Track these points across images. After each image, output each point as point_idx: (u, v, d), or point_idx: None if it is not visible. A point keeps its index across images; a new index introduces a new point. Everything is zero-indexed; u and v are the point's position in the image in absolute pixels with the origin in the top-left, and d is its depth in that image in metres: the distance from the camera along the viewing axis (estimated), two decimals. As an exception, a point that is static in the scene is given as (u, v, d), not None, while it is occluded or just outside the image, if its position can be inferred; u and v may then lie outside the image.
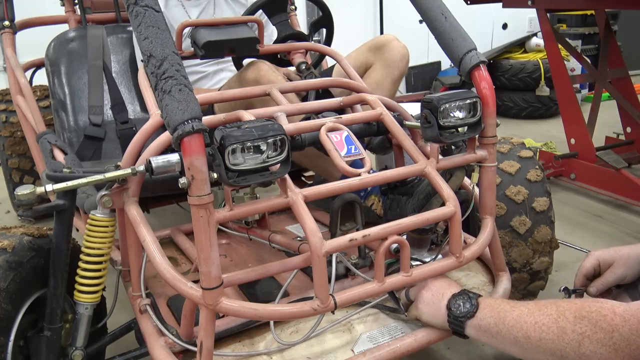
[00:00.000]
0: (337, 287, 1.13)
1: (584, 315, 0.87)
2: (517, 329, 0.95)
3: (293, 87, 1.41)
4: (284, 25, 1.69)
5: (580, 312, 0.88)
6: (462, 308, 1.05)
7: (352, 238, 1.00)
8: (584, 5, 3.41)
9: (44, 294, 1.16)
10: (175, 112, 0.85)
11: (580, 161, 2.73)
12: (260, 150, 0.91)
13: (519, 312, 0.97)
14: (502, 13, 4.28)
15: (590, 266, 1.16)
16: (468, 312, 1.04)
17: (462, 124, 1.12)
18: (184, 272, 1.47)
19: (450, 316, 1.06)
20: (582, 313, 0.88)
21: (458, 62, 1.13)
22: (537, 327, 0.92)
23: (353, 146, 1.11)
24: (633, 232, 2.32)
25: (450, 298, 1.08)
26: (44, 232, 1.20)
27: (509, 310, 0.99)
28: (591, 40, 4.51)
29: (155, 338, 1.11)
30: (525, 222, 1.53)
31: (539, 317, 0.93)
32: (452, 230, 1.12)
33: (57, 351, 1.16)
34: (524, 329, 0.94)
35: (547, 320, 0.91)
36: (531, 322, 0.93)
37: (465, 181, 1.29)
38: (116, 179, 1.05)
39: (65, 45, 2.17)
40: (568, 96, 2.76)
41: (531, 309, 0.95)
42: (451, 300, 1.07)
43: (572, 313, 0.89)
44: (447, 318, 1.07)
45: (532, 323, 0.93)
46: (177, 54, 0.91)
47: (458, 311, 1.05)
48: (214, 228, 0.89)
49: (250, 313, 0.97)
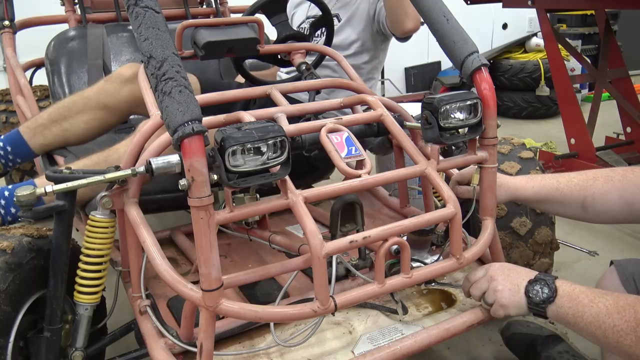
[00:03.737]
0: (337, 288, 1.13)
1: None
2: (595, 327, 0.97)
3: (293, 88, 1.41)
4: (283, 26, 1.69)
5: None
6: (541, 294, 1.05)
7: (353, 240, 1.00)
8: (584, 5, 3.41)
9: (44, 294, 1.16)
10: (176, 114, 0.85)
11: (580, 161, 2.73)
12: (261, 151, 0.91)
13: (597, 309, 0.97)
14: (502, 13, 4.28)
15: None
16: (548, 298, 1.04)
17: (463, 125, 1.12)
18: (184, 272, 1.47)
19: (531, 303, 1.07)
20: None
21: (460, 64, 1.13)
22: (615, 331, 0.93)
23: (353, 147, 1.11)
24: (633, 232, 2.32)
25: (527, 285, 1.08)
26: (43, 232, 1.20)
27: (588, 305, 0.99)
28: (591, 40, 4.51)
29: (155, 339, 1.11)
30: (526, 224, 1.53)
31: (618, 320, 0.94)
32: (453, 231, 1.12)
33: (57, 352, 1.16)
34: (602, 328, 0.95)
35: (625, 326, 0.92)
36: (609, 324, 0.95)
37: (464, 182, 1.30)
38: (116, 179, 1.05)
39: (65, 45, 2.17)
40: (568, 96, 2.76)
41: (610, 308, 0.96)
42: (528, 287, 1.08)
43: None
44: (527, 305, 1.07)
45: (611, 325, 0.94)
46: (177, 55, 0.91)
47: (538, 298, 1.06)
48: (214, 229, 0.89)
49: (250, 315, 0.97)
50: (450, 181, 1.31)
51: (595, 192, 1.18)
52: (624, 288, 1.14)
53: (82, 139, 1.69)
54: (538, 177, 1.27)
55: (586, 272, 2.02)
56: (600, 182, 1.18)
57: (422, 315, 1.24)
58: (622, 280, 1.15)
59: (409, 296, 1.30)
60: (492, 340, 1.64)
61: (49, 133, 1.66)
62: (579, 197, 1.20)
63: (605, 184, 1.17)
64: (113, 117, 1.66)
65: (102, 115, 1.64)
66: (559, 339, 1.44)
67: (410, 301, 1.28)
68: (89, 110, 1.63)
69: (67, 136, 1.67)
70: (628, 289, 1.13)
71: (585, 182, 1.20)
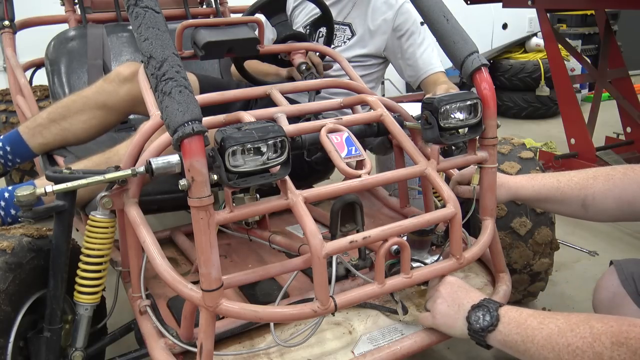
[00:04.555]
0: (337, 288, 1.13)
1: (622, 342, 0.83)
2: (549, 350, 0.90)
3: (293, 88, 1.41)
4: (283, 26, 1.69)
5: (618, 338, 0.83)
6: (482, 322, 1.01)
7: (353, 240, 1.00)
8: (584, 5, 3.41)
9: (44, 294, 1.16)
10: (176, 114, 0.85)
11: (580, 161, 2.73)
12: (261, 151, 0.91)
13: (548, 330, 0.92)
14: (502, 13, 4.27)
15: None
16: (489, 326, 1.00)
17: (463, 125, 1.12)
18: (184, 272, 1.47)
19: (470, 330, 1.03)
20: (620, 339, 0.83)
21: (460, 64, 1.13)
22: (571, 350, 0.88)
23: (353, 147, 1.11)
24: (633, 232, 2.32)
25: (470, 310, 1.05)
26: (43, 233, 1.19)
27: (537, 327, 0.94)
28: (591, 40, 4.51)
29: (155, 339, 1.11)
30: (526, 224, 1.53)
31: (572, 339, 0.88)
32: (453, 231, 1.12)
33: (57, 352, 1.16)
34: (555, 350, 0.89)
35: (581, 343, 0.87)
36: (563, 343, 0.89)
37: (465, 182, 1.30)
38: (116, 180, 1.05)
39: (65, 45, 2.17)
40: (568, 96, 2.76)
41: (562, 327, 0.91)
42: (470, 313, 1.04)
43: (608, 338, 0.84)
44: (467, 331, 1.04)
45: (565, 345, 0.88)
46: (177, 56, 0.91)
47: (477, 325, 1.02)
48: (214, 230, 0.89)
49: (250, 315, 0.97)
50: (451, 181, 1.31)
51: (596, 190, 1.17)
52: (623, 288, 1.14)
53: (82, 138, 1.68)
54: (538, 177, 1.27)
55: (586, 272, 2.02)
56: (601, 180, 1.18)
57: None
58: (622, 280, 1.15)
59: (409, 296, 1.30)
60: (492, 340, 1.64)
61: (48, 133, 1.66)
62: (579, 196, 1.20)
63: (606, 182, 1.17)
64: (112, 116, 1.66)
65: (101, 114, 1.64)
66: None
67: (410, 301, 1.28)
68: (87, 109, 1.63)
69: (66, 136, 1.67)
70: (628, 289, 1.13)
71: (586, 181, 1.19)
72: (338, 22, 1.96)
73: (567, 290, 1.92)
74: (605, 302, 1.17)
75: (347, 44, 1.94)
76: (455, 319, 1.07)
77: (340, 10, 1.97)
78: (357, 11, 1.96)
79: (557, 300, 1.85)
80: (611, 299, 1.15)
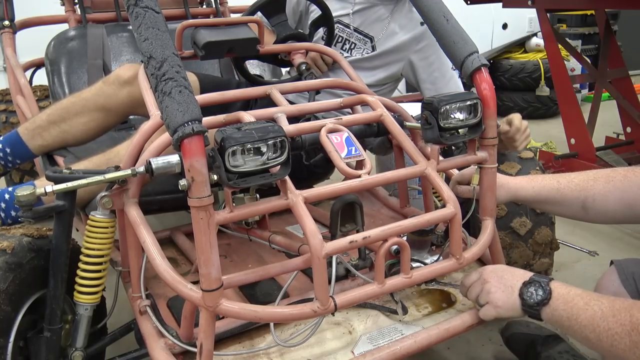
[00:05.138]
0: (337, 288, 1.13)
1: None
2: (590, 330, 0.95)
3: (293, 88, 1.41)
4: (283, 26, 1.69)
5: None
6: (536, 296, 1.04)
7: (353, 240, 1.00)
8: (584, 5, 3.41)
9: (44, 294, 1.16)
10: (176, 114, 0.85)
11: (580, 161, 2.73)
12: (261, 152, 0.91)
13: (592, 312, 0.96)
14: (502, 13, 4.27)
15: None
16: (543, 300, 1.03)
17: (463, 126, 1.12)
18: (184, 272, 1.47)
19: (525, 305, 1.06)
20: None
21: (459, 64, 1.13)
22: (610, 335, 0.92)
23: (353, 147, 1.11)
24: (633, 232, 2.32)
25: (522, 286, 1.07)
26: (43, 233, 1.20)
27: (583, 307, 0.98)
28: (591, 40, 4.51)
29: (155, 339, 1.11)
30: (526, 224, 1.53)
31: (613, 324, 0.92)
32: (453, 231, 1.12)
33: (57, 352, 1.16)
34: (596, 331, 0.94)
35: (620, 330, 0.91)
36: (604, 327, 0.93)
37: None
38: (116, 180, 1.05)
39: (65, 45, 2.17)
40: (568, 96, 2.76)
41: (605, 311, 0.94)
42: (522, 289, 1.07)
43: None
44: (521, 307, 1.07)
45: (605, 329, 0.93)
46: (177, 56, 0.91)
47: (532, 300, 1.05)
48: (214, 230, 0.89)
49: (250, 315, 0.97)
50: (450, 181, 1.31)
51: (596, 192, 1.18)
52: (624, 288, 1.14)
53: (81, 140, 1.68)
54: (538, 178, 1.27)
55: (586, 272, 2.02)
56: (601, 182, 1.18)
57: (422, 315, 1.24)
58: (622, 280, 1.15)
59: (408, 296, 1.30)
60: (492, 340, 1.64)
61: (48, 135, 1.67)
62: (579, 198, 1.20)
63: (606, 184, 1.17)
64: (112, 118, 1.66)
65: (100, 116, 1.64)
66: (559, 338, 1.44)
67: (410, 301, 1.28)
68: (87, 112, 1.63)
69: (65, 137, 1.67)
70: (628, 289, 1.13)
71: (586, 183, 1.19)
72: (360, 31, 1.92)
73: (567, 290, 1.91)
74: (605, 302, 1.17)
75: (366, 57, 1.91)
76: (513, 301, 1.08)
77: (363, 21, 1.92)
78: (379, 25, 1.91)
79: (557, 300, 1.85)
80: (611, 299, 1.16)
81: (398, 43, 1.89)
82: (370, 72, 1.91)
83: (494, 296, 1.11)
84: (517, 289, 1.08)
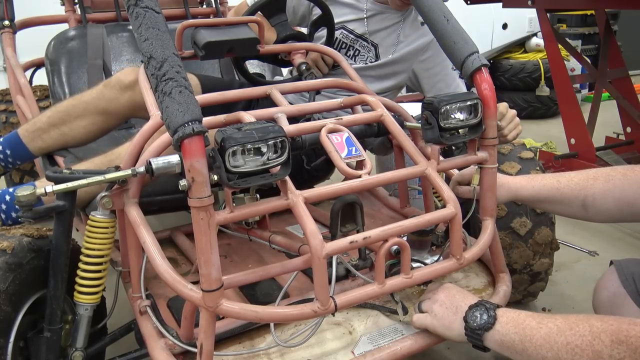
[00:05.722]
0: (337, 288, 1.13)
1: (622, 340, 0.82)
2: (547, 349, 0.90)
3: (294, 88, 1.41)
4: (283, 26, 1.69)
5: (618, 336, 0.83)
6: (479, 320, 1.02)
7: (353, 240, 1.00)
8: (584, 5, 3.41)
9: (44, 295, 1.16)
10: (176, 114, 0.85)
11: (580, 161, 2.73)
12: (261, 152, 0.91)
13: (547, 329, 0.91)
14: (502, 13, 4.28)
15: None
16: (486, 324, 1.00)
17: (463, 126, 1.12)
18: (184, 272, 1.47)
19: (467, 329, 1.03)
20: (620, 337, 0.83)
21: (460, 65, 1.13)
22: (570, 349, 0.87)
23: (354, 147, 1.11)
24: (633, 232, 2.32)
25: (467, 310, 1.05)
26: (43, 233, 1.19)
27: (536, 327, 0.94)
28: (591, 40, 4.51)
29: (155, 339, 1.11)
30: (526, 224, 1.53)
31: (571, 337, 0.88)
32: (453, 232, 1.12)
33: (57, 352, 1.16)
34: (554, 349, 0.89)
35: (580, 342, 0.86)
36: (562, 342, 0.88)
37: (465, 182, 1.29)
38: (116, 180, 1.05)
39: (65, 45, 2.17)
40: (568, 96, 2.76)
41: (561, 326, 0.90)
42: (468, 312, 1.05)
43: (608, 336, 0.84)
44: (464, 331, 1.04)
45: (564, 344, 0.88)
46: (177, 56, 0.91)
47: (475, 323, 1.02)
48: (214, 230, 0.89)
49: (250, 315, 0.97)
50: (451, 181, 1.31)
51: (596, 191, 1.17)
52: (623, 288, 1.14)
53: (81, 142, 1.69)
54: (538, 177, 1.27)
55: (586, 272, 2.02)
56: (601, 181, 1.17)
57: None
58: (622, 280, 1.15)
59: (409, 296, 1.30)
60: (492, 340, 1.64)
61: (48, 137, 1.67)
62: (579, 197, 1.20)
63: (606, 183, 1.17)
64: (112, 121, 1.66)
65: (101, 120, 1.64)
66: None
67: (410, 301, 1.28)
68: (88, 115, 1.63)
69: (66, 140, 1.67)
70: (628, 289, 1.13)
71: (586, 182, 1.19)
72: (365, 38, 1.90)
73: (567, 290, 1.92)
74: (605, 302, 1.17)
75: (370, 65, 1.90)
76: (452, 320, 1.07)
77: (370, 28, 1.90)
78: (385, 33, 1.90)
79: (557, 300, 1.85)
80: (611, 299, 1.15)
81: (403, 53, 1.88)
82: (375, 81, 1.90)
83: (437, 308, 1.10)
84: (463, 311, 1.06)
